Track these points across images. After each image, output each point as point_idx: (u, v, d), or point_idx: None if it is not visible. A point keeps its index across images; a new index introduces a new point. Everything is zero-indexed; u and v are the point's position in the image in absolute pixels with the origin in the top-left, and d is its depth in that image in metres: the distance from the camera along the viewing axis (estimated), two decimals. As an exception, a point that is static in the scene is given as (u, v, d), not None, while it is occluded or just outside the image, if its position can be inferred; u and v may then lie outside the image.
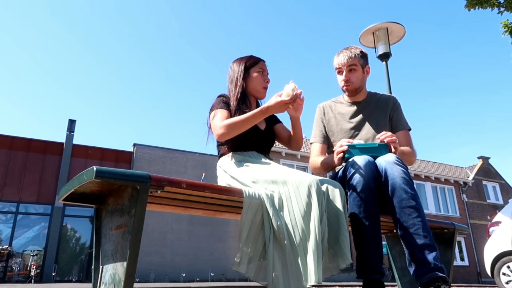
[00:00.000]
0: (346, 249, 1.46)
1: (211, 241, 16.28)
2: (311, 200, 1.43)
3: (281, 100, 1.58)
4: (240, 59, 1.93)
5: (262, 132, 1.86)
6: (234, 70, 1.90)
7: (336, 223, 1.50)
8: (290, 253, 1.39)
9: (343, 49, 2.07)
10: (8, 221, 13.95)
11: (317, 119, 2.17)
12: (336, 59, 2.06)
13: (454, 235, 2.15)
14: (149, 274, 14.52)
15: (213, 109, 1.79)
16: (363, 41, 6.78)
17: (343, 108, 2.11)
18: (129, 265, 1.15)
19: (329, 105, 2.17)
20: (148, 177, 1.18)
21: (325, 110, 2.15)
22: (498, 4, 6.91)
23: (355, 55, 2.02)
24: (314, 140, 2.14)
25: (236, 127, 1.65)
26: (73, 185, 1.27)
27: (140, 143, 16.49)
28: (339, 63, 2.03)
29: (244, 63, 1.90)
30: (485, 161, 26.64)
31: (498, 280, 5.35)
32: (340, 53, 2.05)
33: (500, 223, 5.65)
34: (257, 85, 1.89)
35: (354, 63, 2.01)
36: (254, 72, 1.89)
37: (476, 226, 23.53)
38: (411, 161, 1.99)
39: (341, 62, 2.02)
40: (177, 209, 1.64)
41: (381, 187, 1.64)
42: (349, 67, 2.01)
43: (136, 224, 1.16)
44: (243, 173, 1.66)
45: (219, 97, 1.86)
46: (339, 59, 2.03)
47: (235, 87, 1.86)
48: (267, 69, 1.94)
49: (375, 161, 1.67)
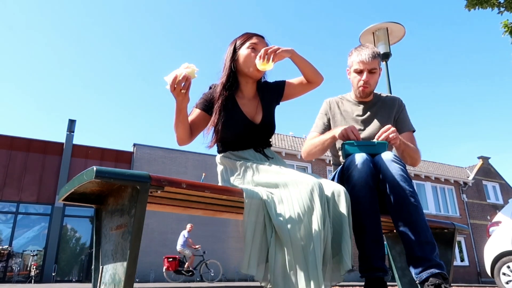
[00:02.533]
0: (346, 256, 1.42)
1: (211, 241, 16.26)
2: (314, 203, 1.38)
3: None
4: (234, 39, 1.78)
5: (257, 126, 1.72)
6: (226, 52, 1.77)
7: (340, 228, 1.46)
8: (291, 257, 1.34)
9: (363, 47, 1.97)
10: (8, 221, 13.95)
11: (321, 112, 2.13)
12: (358, 57, 1.93)
13: (454, 235, 2.14)
14: (149, 274, 14.51)
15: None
16: (363, 41, 6.77)
17: (349, 106, 2.09)
18: (129, 265, 1.15)
19: (336, 101, 2.13)
20: (148, 177, 1.18)
21: (331, 105, 2.12)
22: (498, 4, 6.91)
23: (377, 55, 1.93)
24: (315, 129, 2.07)
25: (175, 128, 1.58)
26: (73, 185, 1.27)
27: (140, 143, 16.48)
28: (363, 62, 1.92)
29: (234, 43, 1.75)
30: (485, 161, 26.62)
31: (498, 280, 5.35)
32: (362, 51, 1.94)
33: (500, 223, 5.65)
34: (247, 63, 1.69)
35: (375, 65, 1.94)
36: (244, 49, 1.71)
37: (476, 226, 23.52)
38: (415, 159, 1.92)
39: (365, 61, 1.91)
40: (177, 209, 1.64)
41: (379, 185, 1.64)
42: (371, 69, 1.94)
43: (136, 224, 1.16)
44: (243, 174, 1.63)
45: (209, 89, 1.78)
46: (363, 58, 1.91)
47: (223, 70, 1.74)
48: (262, 44, 1.72)
49: (373, 159, 1.67)
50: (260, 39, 1.74)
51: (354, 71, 1.99)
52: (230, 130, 1.69)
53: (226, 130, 1.69)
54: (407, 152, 1.89)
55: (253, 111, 1.75)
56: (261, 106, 1.76)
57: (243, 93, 1.76)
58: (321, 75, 1.76)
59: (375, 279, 1.53)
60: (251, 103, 1.76)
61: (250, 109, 1.74)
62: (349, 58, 2.05)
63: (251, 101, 1.77)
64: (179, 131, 1.58)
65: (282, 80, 1.84)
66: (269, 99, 1.80)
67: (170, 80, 1.44)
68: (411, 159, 1.91)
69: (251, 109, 1.74)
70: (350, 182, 1.61)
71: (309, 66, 1.72)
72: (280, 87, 1.82)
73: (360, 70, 1.95)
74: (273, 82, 1.86)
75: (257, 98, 1.79)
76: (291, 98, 1.85)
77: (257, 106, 1.76)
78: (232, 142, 1.72)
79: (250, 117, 1.72)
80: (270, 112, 1.78)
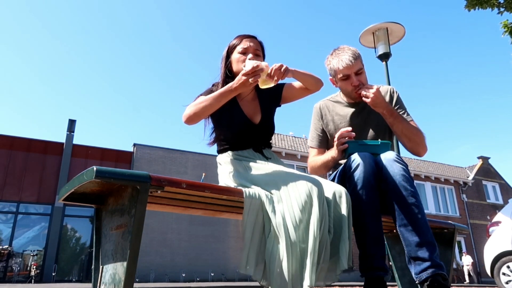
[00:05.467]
0: (343, 256, 1.43)
1: (211, 241, 16.26)
2: (312, 203, 1.39)
3: (240, 74, 1.49)
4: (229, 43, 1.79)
5: (257, 126, 1.73)
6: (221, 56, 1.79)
7: (339, 230, 1.47)
8: (288, 256, 1.35)
9: (338, 51, 1.90)
10: (8, 221, 13.95)
11: (314, 122, 2.09)
12: (340, 63, 1.86)
13: (454, 235, 2.14)
14: (149, 274, 14.51)
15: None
16: (363, 41, 6.77)
17: (341, 109, 2.02)
18: (129, 265, 1.15)
19: (326, 105, 2.06)
20: (148, 177, 1.18)
21: (322, 111, 2.06)
22: (498, 4, 6.91)
23: (357, 55, 1.87)
24: (312, 144, 2.07)
25: (201, 106, 1.54)
26: (73, 185, 1.27)
27: (140, 143, 16.49)
28: (347, 67, 1.84)
29: (228, 47, 1.77)
30: (485, 161, 26.63)
31: (498, 280, 5.35)
32: (341, 56, 1.87)
33: (500, 223, 5.65)
34: (239, 67, 1.68)
35: (359, 65, 1.88)
36: (236, 54, 1.73)
37: (476, 226, 23.52)
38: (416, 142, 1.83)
39: (349, 66, 1.84)
40: (177, 209, 1.64)
41: (380, 185, 1.63)
42: (357, 71, 1.86)
43: (136, 224, 1.16)
44: (242, 174, 1.63)
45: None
46: (345, 63, 1.84)
47: (220, 74, 1.77)
48: (253, 46, 1.72)
49: (375, 158, 1.67)
50: (251, 40, 1.74)
51: (340, 79, 1.91)
52: (230, 129, 1.72)
53: (226, 129, 1.72)
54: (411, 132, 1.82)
55: (253, 111, 1.76)
56: (260, 107, 1.78)
57: (242, 94, 1.77)
58: (321, 82, 1.73)
59: (375, 279, 1.53)
60: (250, 104, 1.78)
61: (249, 109, 1.76)
62: (327, 66, 1.96)
63: (250, 101, 1.79)
64: (205, 111, 1.55)
65: (282, 83, 1.80)
66: (268, 100, 1.81)
67: (253, 65, 1.47)
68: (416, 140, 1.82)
69: (250, 109, 1.76)
70: (352, 181, 1.60)
71: (309, 79, 1.70)
72: (278, 90, 1.81)
73: (346, 76, 1.88)
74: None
75: (257, 99, 1.81)
76: (290, 101, 1.83)
77: (256, 106, 1.78)
78: (231, 141, 1.74)
79: (249, 117, 1.74)
80: (269, 113, 1.79)
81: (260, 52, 1.76)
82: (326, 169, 1.94)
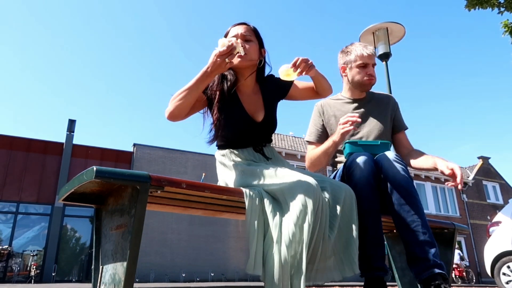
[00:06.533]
0: (355, 258, 1.41)
1: (211, 241, 16.26)
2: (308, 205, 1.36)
3: (213, 55, 1.39)
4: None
5: (258, 124, 1.66)
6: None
7: (346, 228, 1.46)
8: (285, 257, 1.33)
9: (359, 43, 2.06)
10: (8, 221, 13.95)
11: (314, 118, 2.09)
12: (364, 50, 2.00)
13: (454, 235, 2.14)
14: (149, 274, 14.51)
15: None
16: (363, 41, 6.77)
17: (343, 106, 2.06)
18: (129, 265, 1.15)
19: (328, 103, 2.09)
20: (148, 177, 1.18)
21: (324, 108, 2.08)
22: (498, 4, 6.92)
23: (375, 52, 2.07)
24: (310, 138, 2.06)
25: (180, 98, 1.47)
26: (73, 185, 1.27)
27: (140, 143, 16.49)
28: (369, 56, 1.99)
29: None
30: (485, 161, 26.63)
31: (498, 280, 5.35)
32: (365, 46, 2.02)
33: (500, 223, 5.65)
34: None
35: (375, 61, 2.05)
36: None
37: (476, 226, 23.52)
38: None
39: (371, 56, 2.00)
40: (177, 209, 1.64)
41: (380, 185, 1.64)
42: (374, 63, 2.03)
43: (136, 224, 1.15)
44: (242, 173, 1.61)
45: None
46: (369, 52, 2.00)
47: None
48: (241, 32, 1.63)
49: (375, 158, 1.67)
50: (240, 27, 1.66)
51: (357, 66, 2.00)
52: (230, 127, 1.64)
53: (226, 127, 1.64)
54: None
55: (255, 107, 1.68)
56: (263, 102, 1.70)
57: (243, 86, 1.69)
58: (331, 90, 1.72)
59: (375, 279, 1.54)
60: (252, 99, 1.70)
61: (251, 106, 1.68)
62: (346, 55, 2.03)
63: (252, 96, 1.70)
64: (185, 102, 1.48)
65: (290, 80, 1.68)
66: (272, 94, 1.73)
67: (227, 44, 1.38)
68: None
69: (252, 105, 1.68)
70: (351, 181, 1.61)
71: (325, 83, 1.69)
72: (286, 86, 1.75)
73: (365, 64, 1.99)
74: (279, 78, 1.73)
75: (259, 93, 1.72)
76: (295, 100, 1.80)
77: (259, 102, 1.70)
78: (231, 139, 1.68)
79: (251, 114, 1.66)
80: (272, 109, 1.72)
81: (253, 37, 1.66)
82: (326, 156, 1.86)
